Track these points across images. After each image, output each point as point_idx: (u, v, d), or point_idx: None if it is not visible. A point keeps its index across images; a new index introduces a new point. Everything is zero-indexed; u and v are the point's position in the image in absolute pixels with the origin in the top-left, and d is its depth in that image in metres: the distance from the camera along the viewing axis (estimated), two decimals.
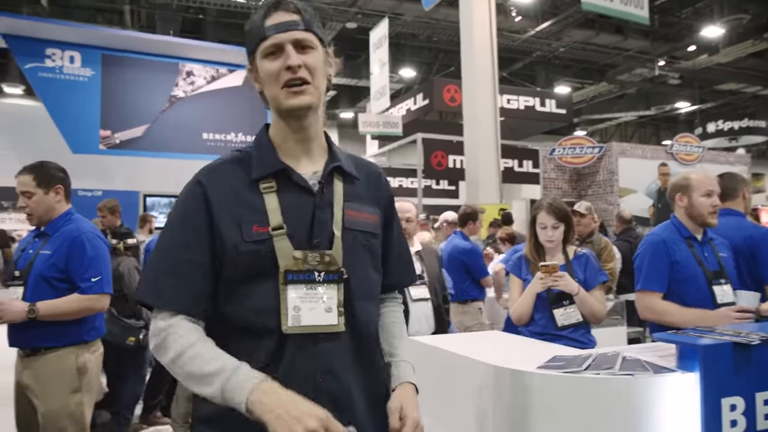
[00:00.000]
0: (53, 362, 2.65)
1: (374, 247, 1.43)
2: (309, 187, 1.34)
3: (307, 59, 1.31)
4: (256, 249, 1.26)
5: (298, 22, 1.32)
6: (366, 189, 1.45)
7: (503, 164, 9.96)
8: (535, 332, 2.77)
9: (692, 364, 1.75)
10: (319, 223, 1.32)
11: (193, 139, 9.98)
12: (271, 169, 1.33)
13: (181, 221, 1.32)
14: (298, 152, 1.38)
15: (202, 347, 1.22)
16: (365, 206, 1.42)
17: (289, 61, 1.29)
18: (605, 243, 4.92)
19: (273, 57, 1.31)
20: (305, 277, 1.28)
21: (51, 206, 2.78)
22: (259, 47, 1.33)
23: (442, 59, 16.68)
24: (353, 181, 1.43)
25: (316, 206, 1.33)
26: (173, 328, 1.24)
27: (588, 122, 22.26)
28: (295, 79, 1.30)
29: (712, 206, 2.68)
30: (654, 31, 14.69)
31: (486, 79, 9.12)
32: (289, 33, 1.30)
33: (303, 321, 1.26)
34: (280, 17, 1.32)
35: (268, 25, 1.31)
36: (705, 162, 11.02)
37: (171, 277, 1.27)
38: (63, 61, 9.26)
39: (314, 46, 1.34)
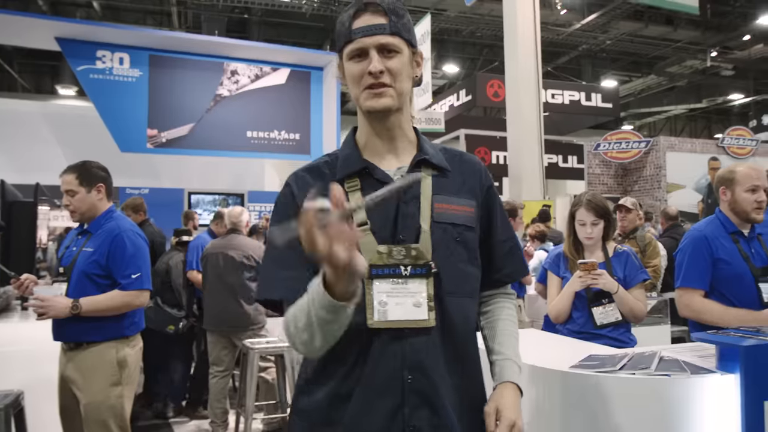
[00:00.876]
0: (95, 356, 2.74)
1: (469, 241, 1.39)
2: (391, 181, 1.33)
3: (390, 63, 1.31)
4: None
5: (385, 26, 1.30)
6: (460, 180, 1.42)
7: (547, 160, 9.80)
8: (573, 331, 2.71)
9: (732, 365, 1.70)
10: (403, 217, 1.32)
11: (237, 137, 10.13)
12: (354, 168, 1.35)
13: (277, 220, 1.38)
14: (383, 150, 1.39)
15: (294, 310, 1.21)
16: (458, 198, 1.39)
17: (370, 66, 1.29)
18: (650, 239, 4.79)
19: (357, 60, 1.32)
20: (391, 272, 1.28)
21: (93, 204, 2.87)
22: (345, 49, 1.33)
23: (486, 54, 16.52)
24: (445, 173, 1.40)
25: (401, 201, 1.32)
26: (289, 316, 1.24)
27: (636, 116, 21.68)
28: (376, 84, 1.30)
29: (756, 202, 2.56)
30: (706, 21, 14.21)
31: (530, 74, 8.98)
32: (374, 38, 1.30)
33: (390, 316, 1.26)
34: (368, 20, 1.30)
35: (355, 27, 1.31)
36: (759, 156, 10.62)
37: (286, 272, 1.30)
38: (113, 62, 9.50)
39: (399, 50, 1.32)
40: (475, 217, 1.41)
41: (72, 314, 2.65)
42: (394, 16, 1.31)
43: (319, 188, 1.14)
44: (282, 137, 10.55)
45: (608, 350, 2.18)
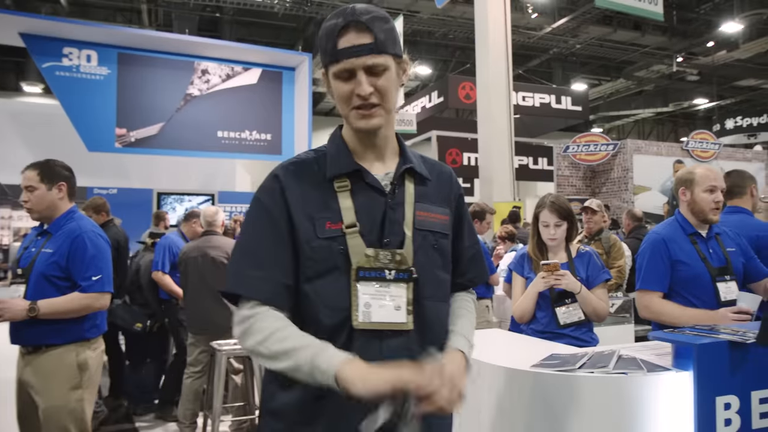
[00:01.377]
0: (54, 359, 2.67)
1: (444, 248, 1.44)
2: (381, 187, 1.37)
3: (378, 83, 1.31)
4: (328, 245, 1.31)
5: (371, 46, 1.29)
6: (437, 189, 1.47)
7: (517, 161, 9.93)
8: (537, 330, 2.76)
9: (687, 362, 1.75)
10: (390, 222, 1.35)
11: (207, 137, 10.03)
12: (346, 169, 1.37)
13: (259, 215, 1.36)
14: (371, 156, 1.41)
15: (291, 330, 1.26)
16: (436, 206, 1.44)
17: (359, 89, 1.30)
18: (614, 240, 4.89)
19: (344, 79, 1.31)
20: (376, 275, 1.31)
21: (53, 202, 2.80)
22: (331, 68, 1.32)
23: (458, 56, 16.63)
24: (424, 182, 1.45)
25: (388, 206, 1.36)
26: (260, 315, 1.28)
27: (605, 119, 22.05)
28: (365, 105, 1.31)
29: (714, 202, 2.62)
30: (672, 27, 14.52)
31: (500, 77, 9.08)
32: (361, 59, 1.29)
33: (373, 317, 1.29)
34: (353, 39, 1.29)
35: (340, 47, 1.29)
36: (721, 159, 10.89)
37: (255, 269, 1.31)
38: (80, 60, 9.34)
39: (387, 67, 1.32)
40: (449, 224, 1.47)
41: (29, 317, 2.58)
42: (380, 32, 1.30)
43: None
44: (253, 137, 10.49)
45: (570, 349, 2.22)
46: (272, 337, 1.25)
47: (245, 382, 4.37)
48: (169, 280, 4.87)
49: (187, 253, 4.46)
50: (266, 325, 1.27)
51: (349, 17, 1.30)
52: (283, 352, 1.23)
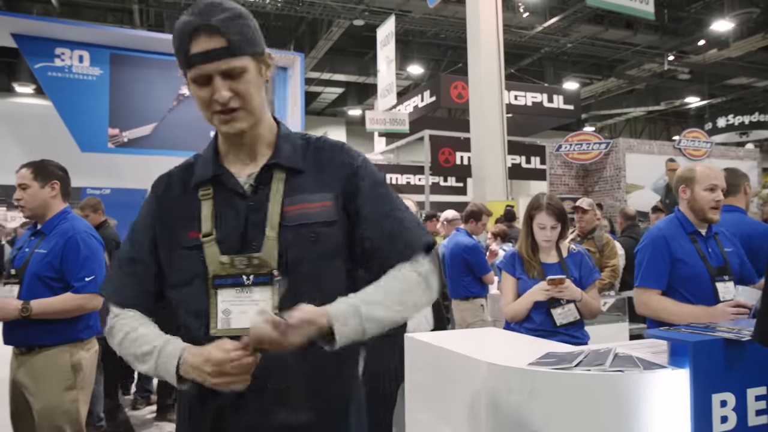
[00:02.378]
0: (48, 360, 2.68)
1: (327, 237, 1.33)
2: (241, 190, 1.34)
3: (237, 86, 1.26)
4: (189, 254, 1.31)
5: (226, 49, 1.23)
6: (316, 176, 1.37)
7: (510, 160, 9.95)
8: (530, 329, 2.77)
9: (683, 360, 1.76)
10: (253, 225, 1.31)
11: (200, 136, 9.91)
12: (207, 176, 1.36)
13: (135, 223, 1.42)
14: (242, 156, 1.38)
15: (143, 330, 1.31)
16: (312, 194, 1.34)
17: (216, 96, 1.25)
18: (607, 239, 4.92)
19: (201, 84, 1.26)
20: (233, 281, 1.28)
21: (45, 201, 2.80)
22: (187, 73, 1.27)
23: (450, 56, 16.66)
24: (299, 172, 1.36)
25: (249, 209, 1.32)
26: (120, 316, 1.35)
27: (597, 118, 22.16)
28: (225, 110, 1.27)
29: (714, 201, 2.63)
30: (663, 26, 14.60)
31: (492, 76, 9.10)
32: (215, 63, 1.23)
33: (233, 324, 1.27)
34: (205, 43, 1.23)
35: (193, 52, 1.23)
36: (713, 157, 10.96)
37: (119, 274, 1.39)
38: (72, 60, 9.32)
39: (245, 69, 1.27)
40: (334, 209, 1.35)
41: (21, 316, 2.59)
42: (233, 34, 1.24)
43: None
44: None
45: (565, 347, 2.23)
46: (127, 338, 1.32)
47: None
48: None
49: None
50: (124, 326, 1.33)
51: (199, 20, 1.23)
52: (137, 355, 1.29)
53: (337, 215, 1.35)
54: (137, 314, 1.35)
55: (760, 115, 17.01)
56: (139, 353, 1.28)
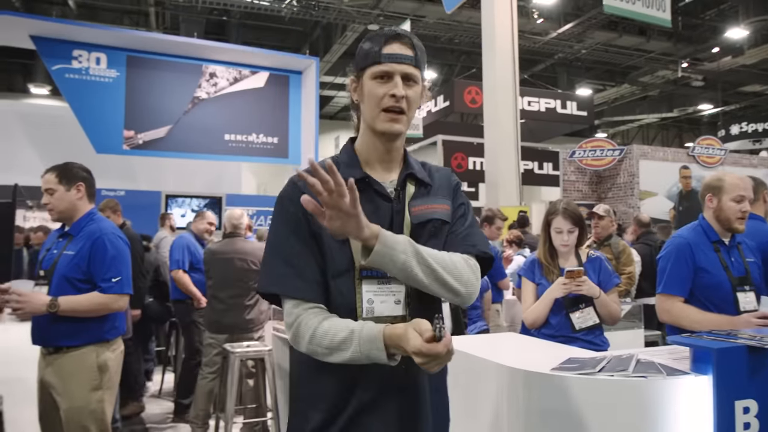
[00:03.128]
0: (74, 360, 2.70)
1: (442, 234, 1.54)
2: (387, 193, 1.49)
3: (409, 92, 1.45)
4: (340, 247, 1.43)
5: (411, 58, 1.46)
6: (437, 190, 1.58)
7: (523, 166, 9.94)
8: (548, 334, 2.78)
9: (706, 367, 1.77)
10: (396, 226, 1.47)
11: (215, 140, 10.10)
12: (355, 176, 1.41)
13: (283, 218, 1.47)
14: (379, 167, 1.53)
15: (328, 323, 1.37)
16: (435, 198, 1.55)
17: (395, 90, 1.42)
18: (623, 246, 4.91)
19: (381, 81, 1.45)
20: (377, 274, 1.43)
21: (72, 203, 2.83)
22: (371, 68, 1.46)
23: (464, 61, 16.67)
24: (426, 186, 1.56)
25: (394, 211, 1.49)
26: (301, 318, 1.40)
27: (609, 124, 22.07)
28: (396, 107, 1.44)
29: (741, 212, 2.62)
30: (677, 33, 14.55)
31: (507, 81, 9.11)
32: (401, 65, 1.44)
33: (375, 312, 1.42)
34: (397, 48, 1.45)
35: (385, 52, 1.44)
36: (727, 164, 10.90)
37: (287, 268, 1.43)
38: (89, 62, 9.43)
39: (418, 81, 1.48)
40: (449, 213, 1.57)
41: (49, 312, 2.62)
42: (419, 51, 1.48)
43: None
44: (260, 141, 10.54)
45: (586, 353, 2.24)
46: (316, 334, 1.37)
47: (257, 384, 4.40)
48: (188, 279, 4.96)
49: (215, 254, 4.49)
50: (308, 324, 1.39)
51: (396, 32, 1.48)
52: (333, 347, 1.35)
53: (450, 219, 1.57)
54: (316, 308, 1.41)
55: None
56: (336, 341, 1.34)
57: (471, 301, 1.51)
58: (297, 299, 1.42)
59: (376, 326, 1.33)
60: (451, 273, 1.43)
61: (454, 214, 1.59)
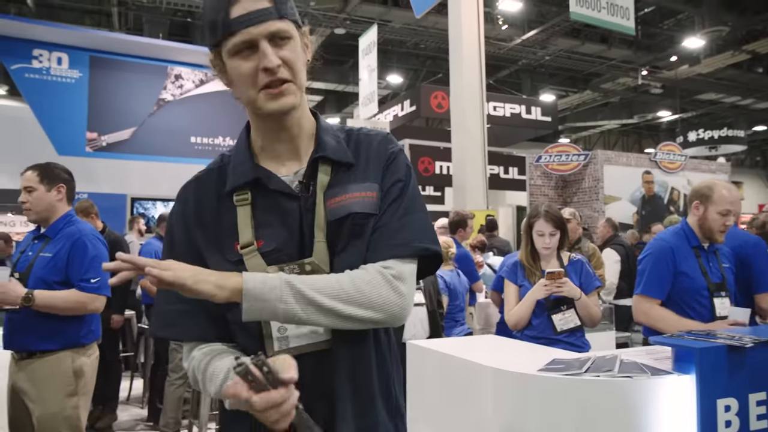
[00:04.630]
0: (49, 365, 2.63)
1: (366, 232, 1.18)
2: (290, 191, 1.18)
3: (285, 54, 1.12)
4: (236, 270, 1.10)
5: (271, 10, 1.11)
6: (365, 168, 1.23)
7: (489, 171, 10.05)
8: (530, 336, 2.82)
9: (688, 366, 1.82)
10: (309, 228, 1.16)
11: (181, 142, 9.94)
12: (244, 179, 1.18)
13: (169, 246, 1.23)
14: (283, 152, 1.22)
15: (211, 372, 1.13)
16: (358, 184, 1.20)
17: (265, 62, 1.10)
18: (593, 249, 5.01)
19: (244, 55, 1.12)
20: None
21: (51, 204, 2.78)
22: (226, 43, 1.12)
23: (429, 66, 16.78)
24: (348, 167, 1.22)
25: (303, 210, 1.17)
26: (193, 362, 1.18)
27: (572, 130, 22.51)
28: (275, 81, 1.12)
29: (724, 225, 2.66)
30: (637, 42, 14.93)
31: (474, 87, 9.20)
32: (261, 26, 1.10)
33: (291, 343, 1.14)
34: (249, 4, 1.10)
35: (234, 15, 1.10)
36: (687, 170, 11.21)
37: (174, 307, 1.18)
38: (50, 62, 9.18)
39: (291, 35, 1.14)
40: (375, 203, 1.20)
41: (23, 306, 2.54)
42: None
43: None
44: (227, 143, 10.42)
45: (570, 354, 2.28)
46: (204, 380, 1.14)
47: None
48: None
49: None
50: (200, 369, 1.15)
51: None
52: (212, 391, 1.12)
53: (377, 209, 1.19)
54: (206, 348, 1.17)
55: (728, 130, 17.50)
56: (213, 389, 1.11)
57: (401, 321, 1.16)
58: (189, 341, 1.19)
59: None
60: (354, 302, 1.09)
61: (384, 200, 1.20)
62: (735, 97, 19.00)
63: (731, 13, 13.48)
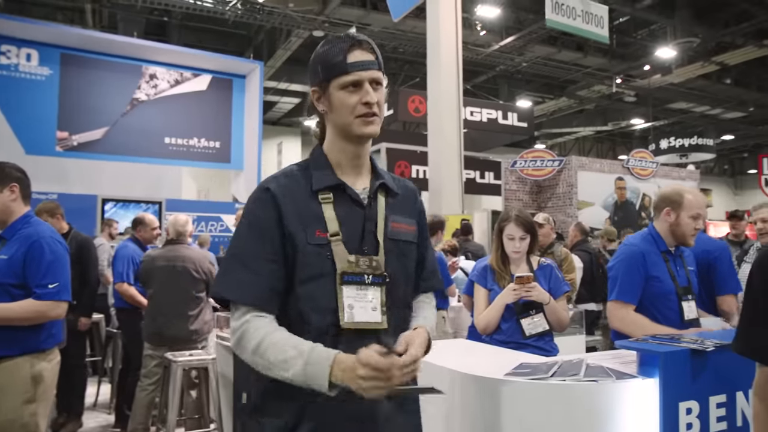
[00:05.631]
0: (7, 371, 2.53)
1: (410, 255, 1.60)
2: (360, 200, 1.51)
3: (378, 96, 1.48)
4: (318, 251, 1.42)
5: (375, 62, 1.48)
6: (404, 203, 1.62)
7: (465, 175, 10.10)
8: (500, 340, 2.82)
9: (652, 370, 1.84)
10: (368, 232, 1.49)
11: (155, 143, 9.83)
12: (330, 183, 1.49)
13: (251, 222, 1.45)
14: (350, 172, 1.54)
15: (278, 336, 1.36)
16: (404, 218, 1.60)
17: (368, 98, 1.45)
18: (566, 254, 5.05)
19: (351, 90, 1.46)
20: (357, 279, 1.43)
21: (5, 205, 2.67)
22: (338, 79, 1.46)
23: (407, 70, 16.82)
24: (395, 196, 1.60)
25: (366, 218, 1.50)
26: (248, 324, 1.38)
27: (548, 136, 22.75)
28: (370, 113, 1.46)
29: (695, 229, 2.70)
30: (612, 50, 15.14)
31: (451, 92, 9.24)
32: (368, 72, 1.46)
33: (356, 318, 1.42)
34: (360, 55, 1.46)
35: (350, 61, 1.45)
36: (659, 177, 11.40)
37: (247, 273, 1.41)
38: (19, 58, 9.02)
39: (382, 84, 1.51)
40: (416, 234, 1.63)
41: None
42: (378, 54, 1.51)
43: None
44: (202, 145, 10.34)
45: (537, 358, 2.28)
46: (262, 345, 1.35)
47: (200, 395, 4.27)
48: (134, 291, 4.74)
49: (153, 262, 4.31)
50: (256, 333, 1.36)
51: (355, 38, 1.49)
52: (277, 362, 1.33)
53: (416, 240, 1.63)
54: (269, 318, 1.40)
55: (698, 139, 17.87)
56: (281, 359, 1.32)
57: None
58: (248, 305, 1.39)
59: (327, 350, 1.31)
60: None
61: (421, 238, 1.65)
62: (704, 107, 19.39)
63: (702, 25, 13.74)
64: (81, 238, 4.71)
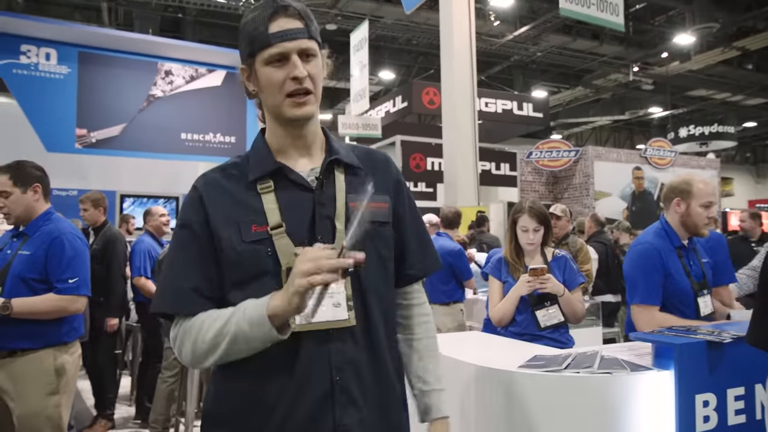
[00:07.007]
0: (30, 364, 2.62)
1: (384, 236, 1.40)
2: (307, 183, 1.34)
3: (310, 69, 1.31)
4: (255, 248, 1.28)
5: (303, 30, 1.30)
6: (372, 177, 1.39)
7: (480, 167, 10.05)
8: (515, 332, 2.82)
9: (668, 362, 1.83)
10: (320, 218, 1.32)
11: (171, 139, 9.88)
12: (267, 169, 1.34)
13: (180, 230, 1.34)
14: (296, 153, 1.39)
15: (204, 315, 1.26)
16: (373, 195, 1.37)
17: (296, 72, 1.28)
18: (581, 245, 5.02)
19: (277, 65, 1.29)
20: None
21: (29, 205, 2.76)
22: (261, 53, 1.30)
23: (421, 62, 16.76)
24: (356, 171, 1.41)
25: (317, 202, 1.33)
26: (182, 330, 1.28)
27: (564, 126, 22.54)
28: (300, 89, 1.30)
29: (708, 218, 2.63)
30: (628, 38, 14.95)
31: (465, 83, 9.20)
32: (294, 42, 1.29)
33: (313, 319, 1.24)
34: (285, 23, 1.29)
35: (273, 31, 1.28)
36: (677, 166, 11.27)
37: (178, 283, 1.30)
38: (38, 58, 9.10)
39: (316, 54, 1.33)
40: (388, 212, 1.43)
41: (1, 314, 2.53)
42: (308, 20, 1.32)
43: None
44: (217, 140, 10.38)
45: (552, 350, 2.28)
46: (198, 337, 1.24)
47: None
48: (151, 285, 4.83)
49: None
50: (191, 330, 1.26)
51: (276, 5, 1.30)
52: (214, 336, 1.22)
53: (389, 218, 1.43)
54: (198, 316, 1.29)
55: (719, 126, 17.53)
56: (216, 331, 1.22)
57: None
58: (182, 316, 1.29)
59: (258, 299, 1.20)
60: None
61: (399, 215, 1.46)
62: (725, 94, 19.07)
63: (721, 10, 13.51)
64: (111, 233, 4.79)
